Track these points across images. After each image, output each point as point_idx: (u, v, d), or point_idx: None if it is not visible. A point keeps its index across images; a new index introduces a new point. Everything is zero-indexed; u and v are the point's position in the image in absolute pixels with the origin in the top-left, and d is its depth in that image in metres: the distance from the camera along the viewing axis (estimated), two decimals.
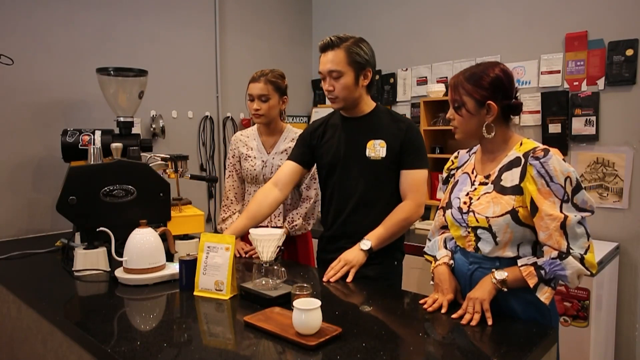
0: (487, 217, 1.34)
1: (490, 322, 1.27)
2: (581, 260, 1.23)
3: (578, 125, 2.75)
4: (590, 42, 2.70)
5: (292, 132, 2.29)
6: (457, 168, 1.57)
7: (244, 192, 2.33)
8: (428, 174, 2.04)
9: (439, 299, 1.41)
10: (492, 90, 1.35)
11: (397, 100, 3.59)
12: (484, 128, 1.38)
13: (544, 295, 1.28)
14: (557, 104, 2.81)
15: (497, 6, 3.06)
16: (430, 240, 1.63)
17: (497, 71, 1.36)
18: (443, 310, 1.37)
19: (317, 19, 4.09)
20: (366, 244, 1.72)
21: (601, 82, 2.67)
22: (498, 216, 1.33)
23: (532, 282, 1.27)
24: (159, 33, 3.08)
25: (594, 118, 2.69)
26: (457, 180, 1.51)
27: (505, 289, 1.30)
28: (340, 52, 1.74)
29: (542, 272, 1.25)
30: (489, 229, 1.35)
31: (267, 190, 1.94)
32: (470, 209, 1.39)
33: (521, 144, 1.39)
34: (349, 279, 1.68)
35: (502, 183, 1.36)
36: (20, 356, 1.86)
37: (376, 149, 1.79)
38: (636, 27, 2.56)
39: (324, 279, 1.69)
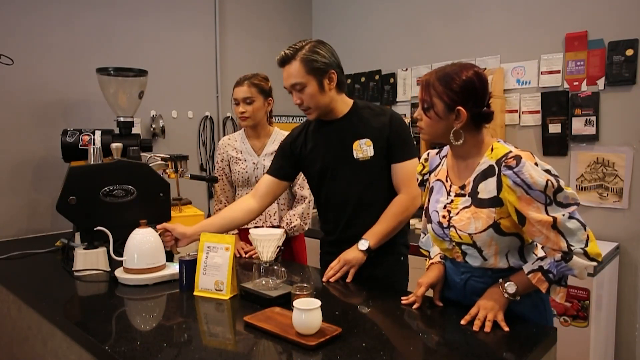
0: (470, 234, 1.32)
1: (507, 329, 1.25)
2: (585, 254, 1.21)
3: (578, 125, 2.75)
4: (590, 42, 2.70)
5: (280, 134, 2.32)
6: (430, 172, 1.52)
7: (235, 196, 2.34)
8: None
9: (412, 294, 1.45)
10: (463, 95, 1.28)
11: (397, 100, 3.59)
12: (451, 134, 1.32)
13: (559, 295, 1.27)
14: (557, 104, 2.81)
15: (497, 6, 3.06)
16: (424, 234, 1.62)
17: (470, 74, 1.28)
18: (415, 306, 1.41)
19: (317, 19, 4.09)
20: (364, 244, 1.70)
21: (601, 82, 2.67)
22: (481, 232, 1.30)
23: (544, 287, 1.26)
24: (159, 33, 3.08)
25: (594, 118, 2.69)
26: (432, 187, 1.47)
27: (518, 298, 1.30)
28: (296, 63, 1.68)
29: (551, 275, 1.25)
30: (473, 244, 1.33)
31: (244, 199, 1.90)
32: (451, 224, 1.36)
33: (492, 150, 1.32)
34: (348, 279, 1.68)
35: (479, 196, 1.31)
36: (20, 356, 1.86)
37: (363, 149, 1.76)
38: (636, 27, 2.56)
39: (324, 279, 1.69)
